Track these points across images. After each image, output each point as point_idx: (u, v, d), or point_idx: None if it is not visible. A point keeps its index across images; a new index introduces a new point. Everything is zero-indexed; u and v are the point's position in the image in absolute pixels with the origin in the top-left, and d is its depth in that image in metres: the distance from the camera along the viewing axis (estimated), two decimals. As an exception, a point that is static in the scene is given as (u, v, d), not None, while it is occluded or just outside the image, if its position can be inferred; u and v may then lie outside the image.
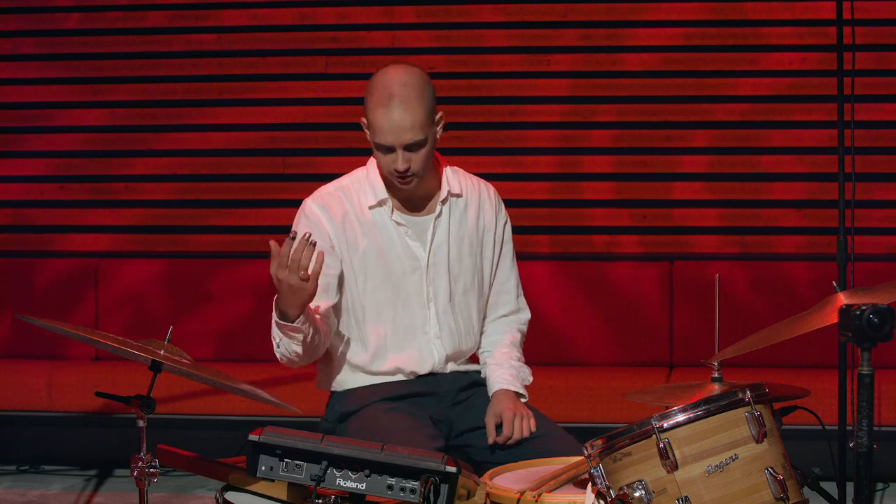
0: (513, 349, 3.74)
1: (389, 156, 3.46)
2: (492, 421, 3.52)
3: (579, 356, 5.96)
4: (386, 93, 3.42)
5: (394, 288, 3.57)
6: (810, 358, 5.74)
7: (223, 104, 6.33)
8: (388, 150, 3.45)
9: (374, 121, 3.44)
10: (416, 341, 3.59)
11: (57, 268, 6.28)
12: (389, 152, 3.45)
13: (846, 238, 4.52)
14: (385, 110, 3.41)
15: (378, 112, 3.42)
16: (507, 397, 3.57)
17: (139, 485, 3.10)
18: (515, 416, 3.50)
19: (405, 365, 3.59)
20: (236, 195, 6.35)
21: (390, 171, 3.47)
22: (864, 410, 2.74)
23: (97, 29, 6.36)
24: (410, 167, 3.45)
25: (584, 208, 6.18)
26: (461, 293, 3.64)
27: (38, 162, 6.43)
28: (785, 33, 6.02)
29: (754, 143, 6.06)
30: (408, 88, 3.43)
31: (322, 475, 2.82)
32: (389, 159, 3.46)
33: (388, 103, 3.41)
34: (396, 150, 3.44)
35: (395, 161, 3.44)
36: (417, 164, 3.46)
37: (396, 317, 3.58)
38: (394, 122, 3.41)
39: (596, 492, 2.83)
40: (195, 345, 5.80)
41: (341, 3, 6.26)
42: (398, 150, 3.44)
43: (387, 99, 3.42)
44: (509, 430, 3.48)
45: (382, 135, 3.43)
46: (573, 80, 6.16)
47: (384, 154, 3.47)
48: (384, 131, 3.42)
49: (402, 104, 3.41)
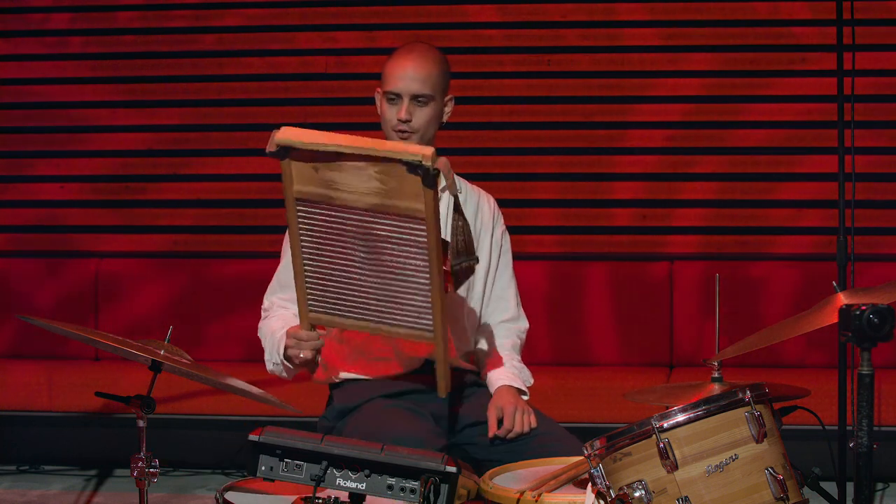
0: (513, 352, 3.77)
1: (395, 106, 3.56)
2: (493, 414, 3.54)
3: (579, 356, 5.96)
4: (406, 50, 3.61)
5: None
6: (810, 358, 5.74)
7: (222, 104, 6.33)
8: (395, 98, 3.56)
9: (387, 70, 3.57)
10: None
11: (57, 268, 6.28)
12: (396, 102, 3.56)
13: (846, 238, 4.52)
14: (400, 59, 3.58)
15: (394, 60, 3.58)
16: (508, 392, 3.60)
17: (139, 485, 3.10)
18: (517, 410, 3.52)
19: (402, 348, 3.59)
20: (237, 195, 6.34)
21: (393, 123, 3.56)
22: (864, 410, 2.74)
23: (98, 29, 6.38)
24: (412, 120, 3.55)
25: (584, 208, 6.18)
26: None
27: (37, 162, 6.43)
28: (784, 33, 6.02)
29: (754, 144, 6.07)
30: (428, 52, 3.62)
31: (322, 475, 2.82)
32: (395, 109, 3.56)
33: (405, 54, 3.59)
34: (403, 98, 3.54)
35: (400, 110, 3.54)
36: (419, 120, 3.56)
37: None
38: (406, 70, 3.55)
39: (596, 492, 2.83)
40: (195, 345, 5.81)
41: (342, 4, 6.26)
42: (404, 98, 3.54)
43: (406, 52, 3.60)
44: (510, 422, 3.50)
45: (393, 80, 3.56)
46: (573, 80, 6.16)
47: (391, 105, 3.57)
48: (395, 77, 3.56)
49: (418, 58, 3.58)
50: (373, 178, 3.19)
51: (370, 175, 3.19)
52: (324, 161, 3.18)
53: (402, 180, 3.17)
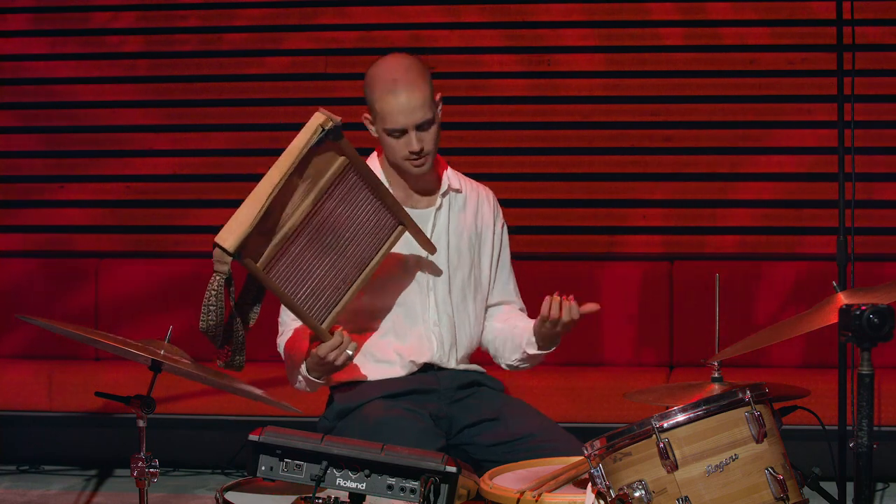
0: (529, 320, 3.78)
1: (402, 140, 3.53)
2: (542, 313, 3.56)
3: (579, 356, 5.96)
4: (390, 79, 3.51)
5: (393, 277, 3.58)
6: (810, 358, 5.74)
7: (223, 104, 6.33)
8: (400, 133, 3.52)
9: (382, 108, 3.51)
10: (415, 328, 3.61)
11: (57, 268, 6.28)
12: (402, 136, 3.52)
13: (846, 238, 4.52)
14: (393, 95, 3.50)
15: (386, 99, 3.50)
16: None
17: (139, 485, 3.10)
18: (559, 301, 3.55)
19: (405, 352, 3.60)
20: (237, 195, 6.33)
21: (404, 154, 3.54)
22: (864, 410, 2.74)
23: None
24: (423, 146, 3.52)
25: (584, 208, 6.18)
26: (459, 286, 3.68)
27: (36, 162, 6.43)
28: (784, 33, 6.02)
29: (754, 144, 6.07)
30: (410, 71, 3.52)
31: (322, 475, 2.82)
32: (403, 143, 3.53)
33: (393, 88, 3.50)
34: (409, 131, 3.51)
35: (409, 143, 3.52)
36: (429, 142, 3.54)
37: (397, 305, 3.60)
38: (402, 105, 3.49)
39: (596, 492, 2.83)
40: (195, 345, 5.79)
41: (342, 4, 6.26)
42: (410, 131, 3.51)
43: (392, 84, 3.50)
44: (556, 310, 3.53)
45: (393, 118, 3.50)
46: (573, 80, 6.16)
47: (396, 139, 3.53)
48: (395, 114, 3.50)
49: (407, 86, 3.50)
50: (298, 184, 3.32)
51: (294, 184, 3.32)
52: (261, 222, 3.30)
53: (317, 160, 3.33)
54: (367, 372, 3.63)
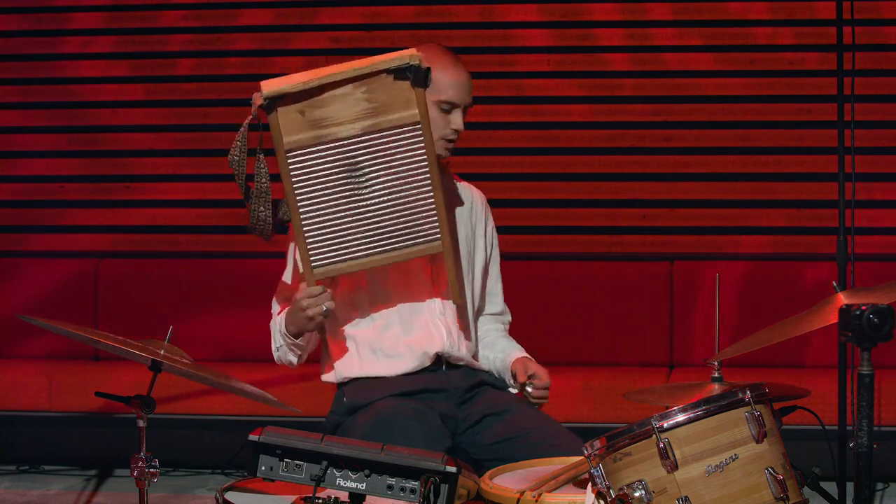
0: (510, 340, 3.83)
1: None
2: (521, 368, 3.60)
3: (579, 356, 5.96)
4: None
5: (398, 269, 3.58)
6: (810, 358, 5.74)
7: (222, 104, 6.33)
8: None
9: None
10: (421, 318, 3.59)
11: (57, 268, 6.28)
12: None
13: (846, 238, 4.52)
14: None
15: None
16: (527, 359, 3.68)
17: (139, 485, 3.10)
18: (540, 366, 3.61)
19: (414, 344, 3.59)
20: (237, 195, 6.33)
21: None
22: (864, 410, 2.74)
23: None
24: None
25: (584, 208, 6.18)
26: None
27: (37, 162, 6.44)
28: (784, 33, 6.03)
29: (754, 144, 6.07)
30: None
31: (322, 475, 2.82)
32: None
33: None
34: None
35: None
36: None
37: (402, 296, 3.60)
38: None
39: (596, 492, 2.83)
40: (195, 345, 5.79)
41: (342, 4, 6.26)
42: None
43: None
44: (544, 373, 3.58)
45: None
46: (573, 80, 6.16)
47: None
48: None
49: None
50: (360, 100, 3.21)
51: (358, 98, 3.20)
52: (309, 100, 3.19)
53: (390, 91, 3.21)
54: (379, 368, 3.60)
